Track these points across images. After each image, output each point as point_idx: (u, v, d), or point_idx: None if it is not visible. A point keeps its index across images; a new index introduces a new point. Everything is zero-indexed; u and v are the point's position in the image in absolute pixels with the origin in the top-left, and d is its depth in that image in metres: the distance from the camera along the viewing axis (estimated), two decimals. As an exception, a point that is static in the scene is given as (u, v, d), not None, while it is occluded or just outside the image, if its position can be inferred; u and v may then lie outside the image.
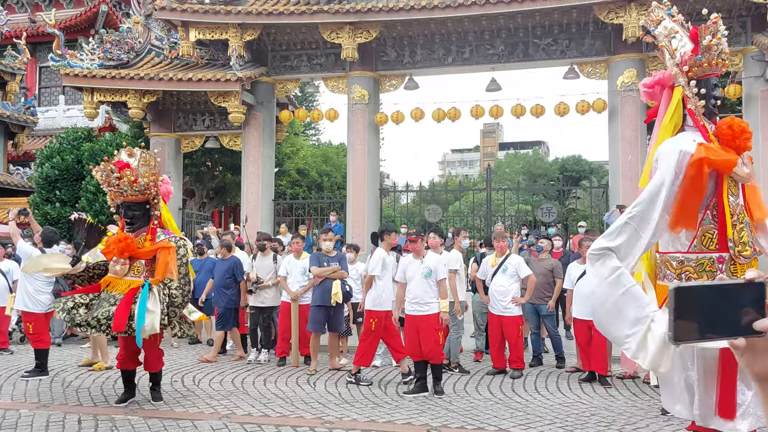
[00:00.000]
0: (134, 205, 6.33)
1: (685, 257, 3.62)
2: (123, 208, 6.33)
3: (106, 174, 6.19)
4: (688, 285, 1.06)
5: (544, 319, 8.61)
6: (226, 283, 9.13)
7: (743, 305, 1.03)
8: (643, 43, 12.79)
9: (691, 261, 3.61)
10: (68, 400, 6.63)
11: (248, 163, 14.83)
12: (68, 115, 23.40)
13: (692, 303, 1.03)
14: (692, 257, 3.61)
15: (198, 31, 13.92)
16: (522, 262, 7.93)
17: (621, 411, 6.24)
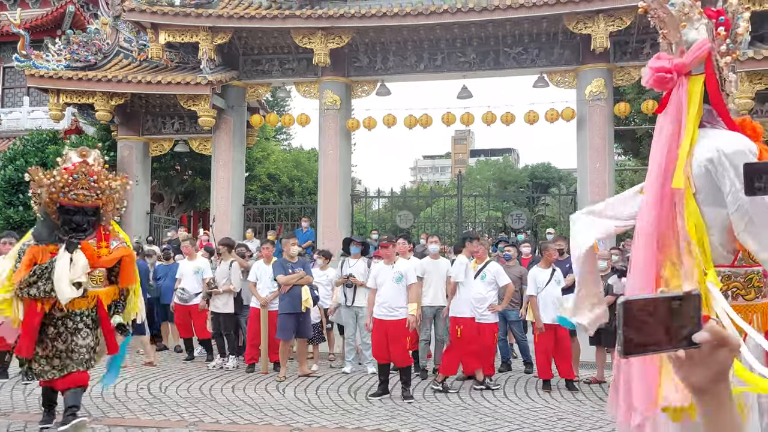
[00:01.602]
0: (89, 210, 5.71)
1: (732, 272, 3.15)
2: (69, 214, 5.62)
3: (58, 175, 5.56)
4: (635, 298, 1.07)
5: (511, 325, 8.68)
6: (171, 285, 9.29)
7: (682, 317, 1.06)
8: (610, 54, 13.05)
9: (739, 276, 3.16)
10: (30, 408, 6.46)
11: (218, 168, 14.68)
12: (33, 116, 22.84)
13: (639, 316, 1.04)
14: (740, 271, 3.16)
15: (168, 34, 13.76)
16: (501, 270, 7.96)
17: (588, 415, 6.33)
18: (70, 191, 5.56)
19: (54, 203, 5.62)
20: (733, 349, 1.07)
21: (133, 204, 15.05)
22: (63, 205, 5.61)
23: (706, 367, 1.06)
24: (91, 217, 5.73)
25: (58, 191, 5.55)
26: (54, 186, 5.53)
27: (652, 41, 13.09)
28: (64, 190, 5.54)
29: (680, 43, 3.30)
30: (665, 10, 3.33)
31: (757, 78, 11.68)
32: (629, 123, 22.16)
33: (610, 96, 13.28)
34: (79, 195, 5.60)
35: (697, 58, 3.16)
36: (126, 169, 15.16)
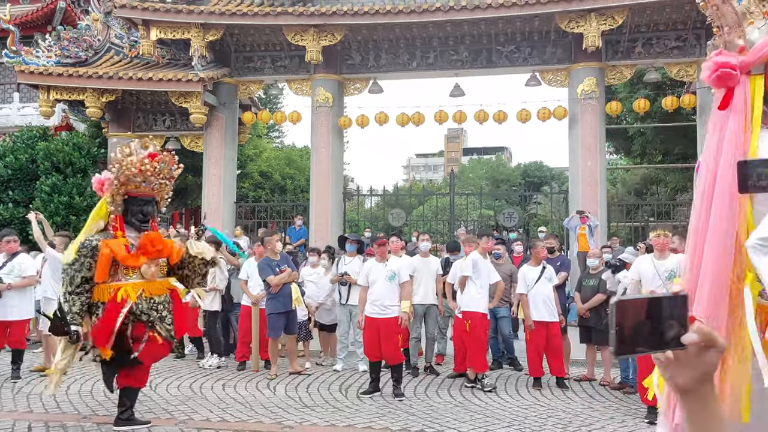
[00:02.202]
0: (152, 201, 5.70)
1: None
2: (139, 205, 5.56)
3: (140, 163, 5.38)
4: (628, 298, 1.07)
5: (500, 322, 8.67)
6: None
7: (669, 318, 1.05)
8: (602, 53, 13.08)
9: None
10: (18, 406, 6.43)
11: (210, 165, 14.63)
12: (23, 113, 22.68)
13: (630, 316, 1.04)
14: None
15: (159, 30, 13.69)
16: (492, 268, 7.97)
17: (578, 413, 6.35)
18: (154, 180, 5.53)
19: (123, 194, 5.49)
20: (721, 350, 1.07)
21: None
22: (135, 195, 5.51)
23: (692, 367, 1.06)
24: (154, 207, 5.74)
25: (143, 180, 5.45)
26: (140, 175, 5.40)
27: (644, 40, 13.15)
28: (148, 179, 5.47)
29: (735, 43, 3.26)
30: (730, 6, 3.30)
31: (748, 77, 11.73)
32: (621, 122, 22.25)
33: (601, 95, 13.31)
34: (161, 185, 5.62)
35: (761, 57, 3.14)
36: (117, 166, 15.08)
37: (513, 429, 5.73)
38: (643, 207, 16.12)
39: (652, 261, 6.44)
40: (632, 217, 15.36)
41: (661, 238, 6.40)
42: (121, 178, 5.41)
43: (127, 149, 5.56)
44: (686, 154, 20.45)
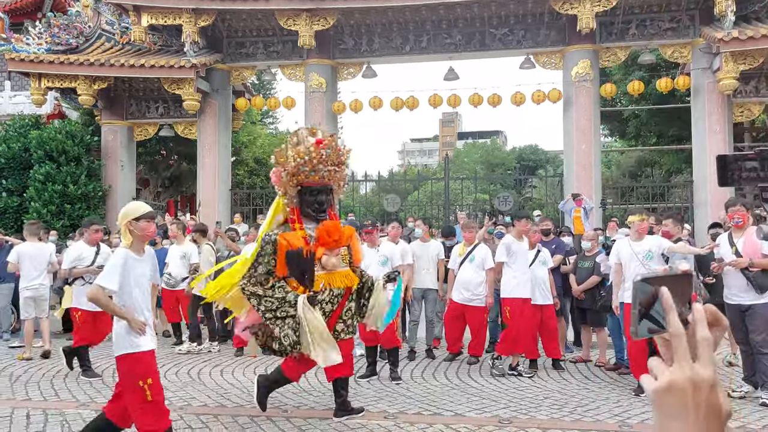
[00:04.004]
0: (329, 189, 5.36)
1: None
2: (314, 195, 5.27)
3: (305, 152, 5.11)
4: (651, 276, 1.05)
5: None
6: None
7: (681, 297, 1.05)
8: (596, 34, 13.04)
9: None
10: (16, 394, 6.44)
11: (204, 152, 14.59)
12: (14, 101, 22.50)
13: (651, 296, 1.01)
14: None
15: (150, 16, 13.57)
16: (489, 254, 7.98)
17: (573, 394, 6.40)
18: (322, 168, 5.20)
19: (296, 185, 5.24)
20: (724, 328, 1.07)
21: (118, 189, 14.96)
22: (307, 185, 5.23)
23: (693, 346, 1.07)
24: (329, 195, 5.41)
25: (311, 169, 5.15)
26: (308, 164, 5.12)
27: (638, 22, 13.10)
28: (316, 168, 5.15)
29: None
30: None
31: (742, 58, 11.73)
32: (615, 104, 22.22)
33: (596, 77, 13.29)
34: (330, 172, 5.27)
35: None
36: (111, 153, 15.04)
37: (509, 410, 5.79)
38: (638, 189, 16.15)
39: (629, 243, 6.63)
40: (627, 199, 15.38)
41: (644, 222, 6.58)
42: (291, 170, 5.16)
43: (294, 138, 5.29)
44: (681, 136, 20.48)
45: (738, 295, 6.16)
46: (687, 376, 0.86)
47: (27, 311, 8.61)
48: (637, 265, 6.36)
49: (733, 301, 6.21)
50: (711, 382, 0.87)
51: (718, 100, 12.52)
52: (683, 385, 0.86)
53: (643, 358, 6.30)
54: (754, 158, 1.54)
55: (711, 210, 11.71)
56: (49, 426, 5.33)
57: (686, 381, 0.86)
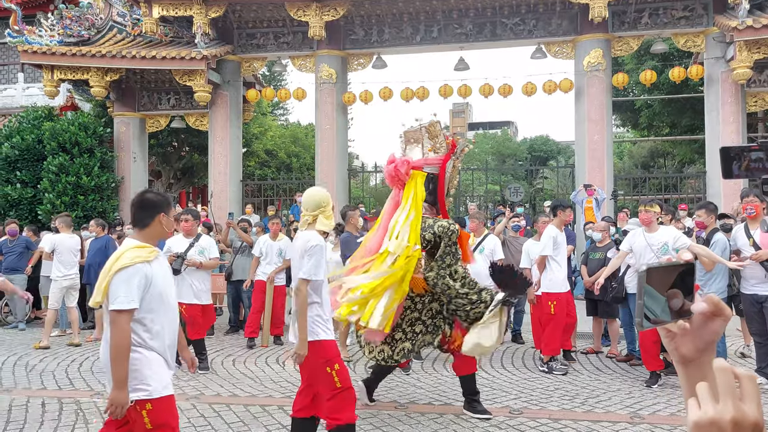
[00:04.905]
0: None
1: None
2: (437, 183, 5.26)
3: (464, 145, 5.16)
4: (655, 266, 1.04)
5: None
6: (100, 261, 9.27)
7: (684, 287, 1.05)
8: (609, 24, 12.91)
9: None
10: (32, 384, 6.54)
11: (215, 144, 14.63)
12: (28, 93, 22.68)
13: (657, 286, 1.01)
14: None
15: (161, 7, 13.60)
16: (498, 245, 7.96)
17: (584, 385, 6.41)
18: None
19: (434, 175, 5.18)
20: (727, 318, 1.06)
21: (131, 180, 15.05)
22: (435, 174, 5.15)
23: (698, 337, 1.06)
24: None
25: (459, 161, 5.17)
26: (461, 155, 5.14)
27: (651, 10, 12.96)
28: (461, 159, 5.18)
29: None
30: None
31: (756, 47, 11.59)
32: (628, 94, 22.04)
33: (608, 67, 13.17)
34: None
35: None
36: (123, 145, 15.12)
37: (520, 401, 5.80)
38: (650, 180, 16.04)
39: (643, 234, 6.52)
40: (639, 190, 15.28)
41: (643, 213, 6.50)
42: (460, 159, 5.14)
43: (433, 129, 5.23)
44: (693, 126, 20.30)
45: (756, 286, 6.11)
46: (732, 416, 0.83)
47: (56, 301, 8.73)
48: (651, 257, 6.24)
49: (750, 291, 6.17)
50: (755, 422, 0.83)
51: (732, 89, 12.38)
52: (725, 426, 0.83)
53: (655, 349, 6.29)
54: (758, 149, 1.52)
55: (724, 201, 11.61)
56: (64, 415, 5.40)
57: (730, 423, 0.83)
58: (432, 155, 5.15)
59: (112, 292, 2.95)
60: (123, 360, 2.94)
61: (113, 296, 2.95)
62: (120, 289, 2.94)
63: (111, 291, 2.96)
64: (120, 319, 2.92)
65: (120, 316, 2.92)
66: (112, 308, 2.94)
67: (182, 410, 5.49)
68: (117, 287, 2.95)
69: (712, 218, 7.11)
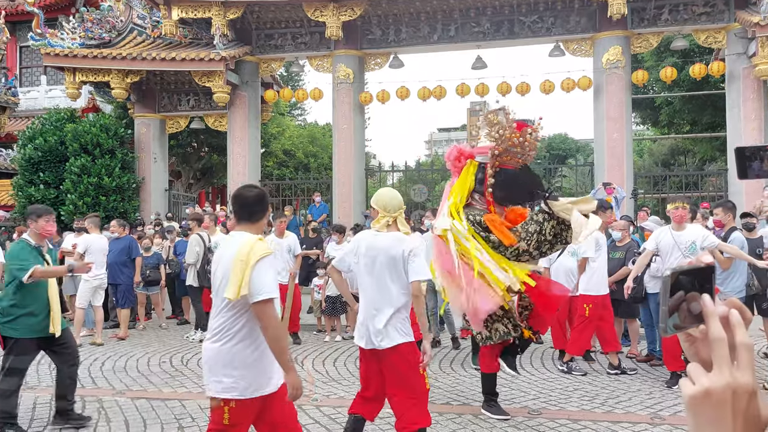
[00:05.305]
0: None
1: None
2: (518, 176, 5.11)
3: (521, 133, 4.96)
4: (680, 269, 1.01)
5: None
6: (123, 261, 9.35)
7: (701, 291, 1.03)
8: (628, 20, 12.79)
9: None
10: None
11: (234, 144, 14.75)
12: (50, 95, 23.05)
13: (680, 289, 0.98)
14: None
15: (180, 10, 13.73)
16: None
17: (604, 385, 6.36)
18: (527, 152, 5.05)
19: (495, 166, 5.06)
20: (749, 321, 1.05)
21: (151, 181, 15.24)
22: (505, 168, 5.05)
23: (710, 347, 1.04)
24: None
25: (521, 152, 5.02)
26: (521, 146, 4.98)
27: (671, 6, 12.82)
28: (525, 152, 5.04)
29: None
30: None
31: (780, 43, 11.41)
32: (647, 91, 21.80)
33: (627, 64, 13.05)
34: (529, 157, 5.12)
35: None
36: (144, 146, 15.31)
37: (539, 401, 5.78)
38: (671, 178, 15.86)
39: (670, 232, 6.33)
40: (660, 188, 15.13)
41: (679, 210, 6.28)
42: (500, 149, 4.99)
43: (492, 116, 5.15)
44: (715, 124, 20.03)
45: None
46: (726, 382, 0.82)
47: (85, 300, 8.85)
48: (679, 256, 6.08)
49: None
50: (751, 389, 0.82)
51: (754, 86, 12.20)
52: (721, 392, 0.82)
53: (677, 349, 6.22)
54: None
55: (746, 199, 11.45)
56: (87, 413, 5.49)
57: (725, 388, 0.82)
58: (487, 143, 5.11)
59: (256, 282, 2.95)
60: (285, 345, 3.04)
61: (258, 286, 2.95)
62: (265, 278, 2.97)
63: (254, 282, 2.95)
64: (269, 307, 2.97)
65: (269, 305, 2.97)
66: (261, 298, 2.95)
67: (202, 408, 5.55)
68: (261, 277, 2.96)
69: (729, 217, 7.00)
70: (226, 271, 3.05)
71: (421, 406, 3.90)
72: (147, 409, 5.60)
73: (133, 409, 5.58)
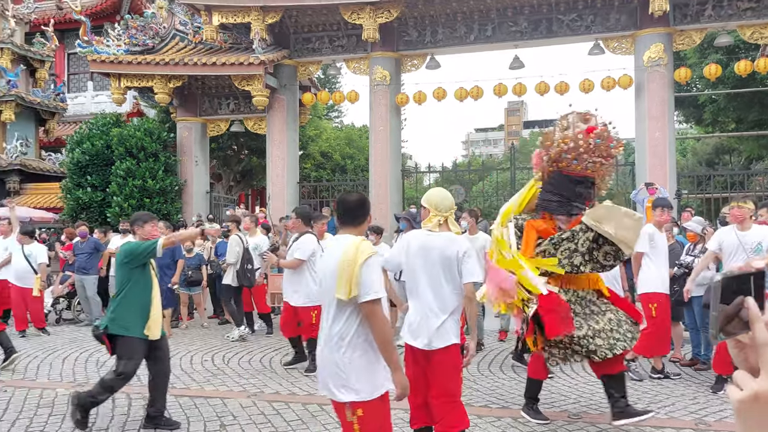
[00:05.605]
0: (586, 181, 4.94)
1: None
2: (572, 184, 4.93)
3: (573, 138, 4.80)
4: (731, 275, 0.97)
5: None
6: (167, 263, 9.59)
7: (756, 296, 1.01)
8: (670, 17, 12.52)
9: None
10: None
11: (273, 147, 14.96)
12: (97, 101, 23.76)
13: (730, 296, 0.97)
14: None
15: (221, 15, 14.00)
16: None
17: (646, 390, 6.26)
18: (587, 159, 4.82)
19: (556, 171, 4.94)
20: None
21: (193, 183, 15.57)
22: (567, 174, 4.90)
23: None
24: (590, 189, 5.00)
25: (574, 157, 4.82)
26: (572, 151, 4.81)
27: (715, 2, 12.50)
28: (580, 157, 4.81)
29: None
30: None
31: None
32: (691, 89, 21.29)
33: (670, 61, 12.78)
34: (596, 164, 4.87)
35: None
36: (186, 149, 15.65)
37: (579, 406, 5.72)
38: (715, 177, 15.45)
39: (734, 232, 6.09)
40: (704, 188, 14.76)
41: (742, 209, 6.05)
42: (553, 154, 4.89)
43: (564, 122, 4.99)
44: (761, 122, 19.44)
45: None
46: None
47: None
48: (743, 257, 5.84)
49: None
50: None
51: (805, 82, 11.81)
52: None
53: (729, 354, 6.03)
54: None
55: (796, 199, 11.09)
56: (133, 410, 5.66)
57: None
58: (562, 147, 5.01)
59: (365, 283, 2.99)
60: (393, 345, 3.06)
61: (367, 287, 2.99)
62: (372, 278, 3.01)
63: (363, 282, 2.99)
64: (378, 307, 3.01)
65: (377, 305, 3.01)
66: (370, 298, 2.99)
67: (243, 407, 5.67)
68: (369, 277, 3.00)
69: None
70: (333, 273, 3.09)
71: (461, 408, 3.91)
72: (190, 407, 5.74)
73: (177, 407, 5.73)
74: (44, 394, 6.19)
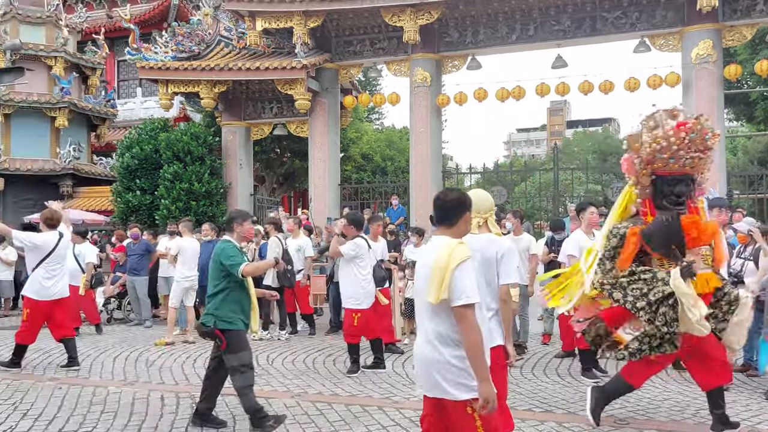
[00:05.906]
0: (685, 178, 4.76)
1: None
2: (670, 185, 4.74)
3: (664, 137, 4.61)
4: None
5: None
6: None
7: None
8: (718, 12, 12.18)
9: None
10: (152, 378, 7.04)
11: (315, 149, 15.13)
12: (145, 106, 24.45)
13: None
14: None
15: (264, 21, 14.24)
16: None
17: (695, 396, 6.08)
18: (684, 155, 4.65)
19: (650, 174, 4.77)
20: None
21: (238, 186, 15.87)
22: (663, 174, 4.74)
23: None
24: (690, 186, 4.79)
25: (670, 156, 4.64)
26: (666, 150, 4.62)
27: (768, -4, 12.10)
28: (676, 155, 4.64)
29: None
30: None
31: None
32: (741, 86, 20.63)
33: (719, 58, 12.42)
34: (694, 159, 4.69)
35: None
36: (230, 153, 15.97)
37: (625, 411, 5.61)
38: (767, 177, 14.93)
39: None
40: (756, 188, 14.28)
41: None
42: (645, 156, 4.71)
43: (651, 122, 4.81)
44: (818, 118, 18.68)
45: None
46: None
47: (177, 300, 9.32)
48: None
49: None
50: None
51: None
52: None
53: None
54: None
55: None
56: (181, 408, 5.79)
57: None
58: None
59: (457, 287, 2.91)
60: (483, 353, 2.94)
61: (459, 291, 2.90)
62: (465, 282, 2.91)
63: (455, 286, 2.91)
64: (469, 312, 2.92)
65: (469, 310, 2.92)
66: (462, 303, 2.90)
67: (287, 407, 5.75)
68: (461, 281, 2.91)
69: None
70: (426, 275, 3.03)
71: (506, 410, 3.89)
72: (236, 405, 5.84)
73: (223, 405, 5.84)
74: (96, 392, 6.39)
